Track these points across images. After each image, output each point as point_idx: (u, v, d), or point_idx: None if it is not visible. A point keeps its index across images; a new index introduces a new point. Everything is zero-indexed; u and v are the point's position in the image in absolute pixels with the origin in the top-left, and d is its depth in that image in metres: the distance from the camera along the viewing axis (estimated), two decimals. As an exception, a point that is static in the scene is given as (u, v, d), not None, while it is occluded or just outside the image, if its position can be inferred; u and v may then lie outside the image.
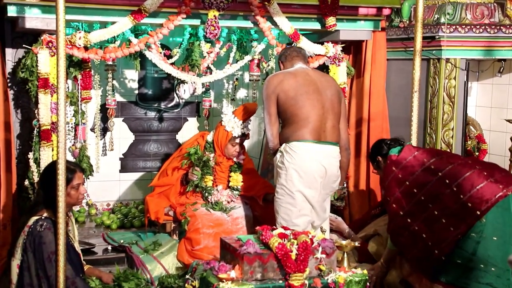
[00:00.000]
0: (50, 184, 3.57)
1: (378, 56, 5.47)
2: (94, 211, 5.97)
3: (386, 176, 3.92)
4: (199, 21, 4.78)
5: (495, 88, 5.86)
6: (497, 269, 3.49)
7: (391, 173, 3.87)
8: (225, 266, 3.47)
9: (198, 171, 4.81)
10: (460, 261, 3.56)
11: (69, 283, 3.55)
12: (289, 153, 4.11)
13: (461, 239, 3.54)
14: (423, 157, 3.81)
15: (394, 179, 3.83)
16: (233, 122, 4.78)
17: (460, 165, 3.66)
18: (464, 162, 3.73)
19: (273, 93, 4.18)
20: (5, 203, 4.46)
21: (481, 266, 3.50)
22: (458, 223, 3.54)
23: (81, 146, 4.89)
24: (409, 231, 3.76)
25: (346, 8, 5.09)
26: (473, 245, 3.52)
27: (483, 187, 3.52)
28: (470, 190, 3.52)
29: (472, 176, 3.57)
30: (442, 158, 3.78)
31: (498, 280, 3.49)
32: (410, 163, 3.82)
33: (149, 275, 4.42)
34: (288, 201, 4.12)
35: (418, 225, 3.71)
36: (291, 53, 4.42)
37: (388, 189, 3.87)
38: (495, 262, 3.48)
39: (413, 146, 4.01)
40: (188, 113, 6.47)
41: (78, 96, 4.82)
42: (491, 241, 3.50)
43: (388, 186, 3.87)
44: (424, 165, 3.75)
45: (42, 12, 4.32)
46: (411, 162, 3.82)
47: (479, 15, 5.44)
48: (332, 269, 3.54)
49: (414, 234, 3.73)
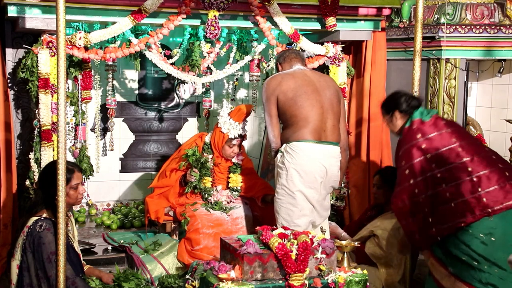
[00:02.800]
0: (49, 184, 3.58)
1: (378, 56, 5.47)
2: (94, 211, 5.98)
3: (407, 140, 3.81)
4: (199, 21, 4.78)
5: (495, 88, 5.85)
6: (501, 271, 3.49)
7: (414, 140, 3.77)
8: (225, 266, 3.48)
9: (196, 173, 4.81)
10: (465, 258, 3.54)
11: (69, 283, 3.55)
12: (289, 153, 4.11)
13: (463, 229, 3.53)
14: (452, 136, 3.73)
15: (416, 147, 3.74)
16: (229, 123, 4.77)
17: (486, 158, 3.64)
18: (489, 156, 3.69)
19: (272, 94, 4.19)
20: (6, 203, 4.47)
21: (485, 267, 3.50)
22: (466, 212, 3.52)
23: (81, 146, 4.89)
24: (413, 201, 3.70)
25: (346, 8, 5.09)
26: (481, 246, 3.50)
27: (503, 188, 3.52)
28: (489, 186, 3.52)
29: (495, 173, 3.55)
30: (471, 144, 3.72)
31: (501, 283, 3.49)
32: (437, 138, 3.74)
33: (149, 275, 4.43)
34: (289, 201, 4.12)
35: (424, 199, 3.66)
36: (290, 55, 4.42)
37: (406, 154, 3.77)
38: (501, 264, 3.48)
39: (441, 118, 3.88)
40: (188, 113, 6.48)
41: (78, 96, 4.82)
42: (499, 245, 3.49)
43: (407, 151, 3.77)
44: (451, 146, 3.68)
45: (42, 12, 4.32)
46: (438, 137, 3.74)
47: (479, 15, 5.44)
48: (332, 269, 3.54)
49: (417, 204, 3.68)
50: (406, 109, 3.96)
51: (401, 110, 3.98)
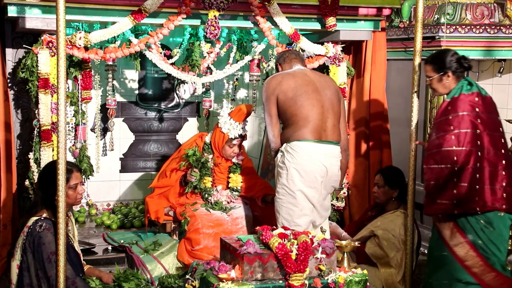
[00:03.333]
0: (48, 184, 3.58)
1: (378, 56, 5.47)
2: (94, 211, 5.98)
3: (465, 107, 3.80)
4: (199, 21, 4.78)
5: (495, 88, 5.84)
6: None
7: (472, 111, 3.78)
8: (225, 266, 3.48)
9: (196, 173, 4.81)
10: (481, 242, 3.74)
11: (69, 283, 3.55)
12: (290, 152, 4.11)
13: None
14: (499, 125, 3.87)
15: (471, 118, 3.77)
16: (229, 124, 4.77)
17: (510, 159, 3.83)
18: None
19: (272, 94, 4.19)
20: (6, 203, 4.47)
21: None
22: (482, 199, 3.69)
23: (81, 146, 4.89)
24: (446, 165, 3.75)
25: (346, 8, 5.09)
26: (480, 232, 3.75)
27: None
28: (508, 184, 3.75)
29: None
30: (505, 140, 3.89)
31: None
32: (490, 119, 3.81)
33: (149, 275, 4.43)
34: (290, 201, 4.12)
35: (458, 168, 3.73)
36: (289, 56, 4.43)
37: (458, 120, 3.78)
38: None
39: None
40: (188, 113, 6.48)
41: (78, 96, 4.82)
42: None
43: (461, 118, 3.78)
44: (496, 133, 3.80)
45: (42, 12, 4.32)
46: (491, 119, 3.82)
47: (479, 15, 5.44)
48: (332, 269, 3.54)
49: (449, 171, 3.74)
50: (461, 71, 3.93)
51: (456, 71, 3.92)
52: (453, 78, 3.92)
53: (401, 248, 4.28)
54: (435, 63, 3.97)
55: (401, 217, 4.35)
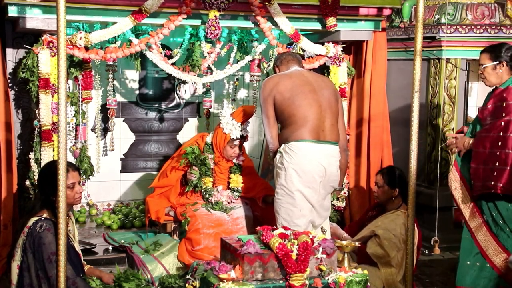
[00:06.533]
0: (47, 185, 3.58)
1: (379, 56, 5.47)
2: (94, 211, 5.98)
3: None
4: (200, 21, 4.79)
5: (496, 88, 5.84)
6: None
7: None
8: (225, 266, 3.47)
9: (196, 171, 4.81)
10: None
11: (70, 283, 3.55)
12: (288, 153, 4.11)
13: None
14: None
15: None
16: (231, 124, 4.77)
17: None
18: None
19: (269, 95, 4.19)
20: (6, 203, 4.47)
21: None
22: None
23: (82, 146, 4.89)
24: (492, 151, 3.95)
25: (346, 8, 5.09)
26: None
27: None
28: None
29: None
30: None
31: None
32: None
33: (150, 275, 4.43)
34: (289, 201, 4.12)
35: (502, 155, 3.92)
36: (286, 57, 4.43)
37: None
38: None
39: None
40: (189, 113, 6.48)
41: (79, 96, 4.82)
42: None
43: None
44: None
45: (42, 12, 4.33)
46: None
47: (479, 15, 5.44)
48: (332, 269, 3.54)
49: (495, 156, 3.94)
50: (510, 60, 4.12)
51: (510, 62, 4.13)
52: (506, 69, 4.12)
53: (401, 247, 4.28)
54: (492, 52, 4.19)
55: (402, 217, 4.35)
